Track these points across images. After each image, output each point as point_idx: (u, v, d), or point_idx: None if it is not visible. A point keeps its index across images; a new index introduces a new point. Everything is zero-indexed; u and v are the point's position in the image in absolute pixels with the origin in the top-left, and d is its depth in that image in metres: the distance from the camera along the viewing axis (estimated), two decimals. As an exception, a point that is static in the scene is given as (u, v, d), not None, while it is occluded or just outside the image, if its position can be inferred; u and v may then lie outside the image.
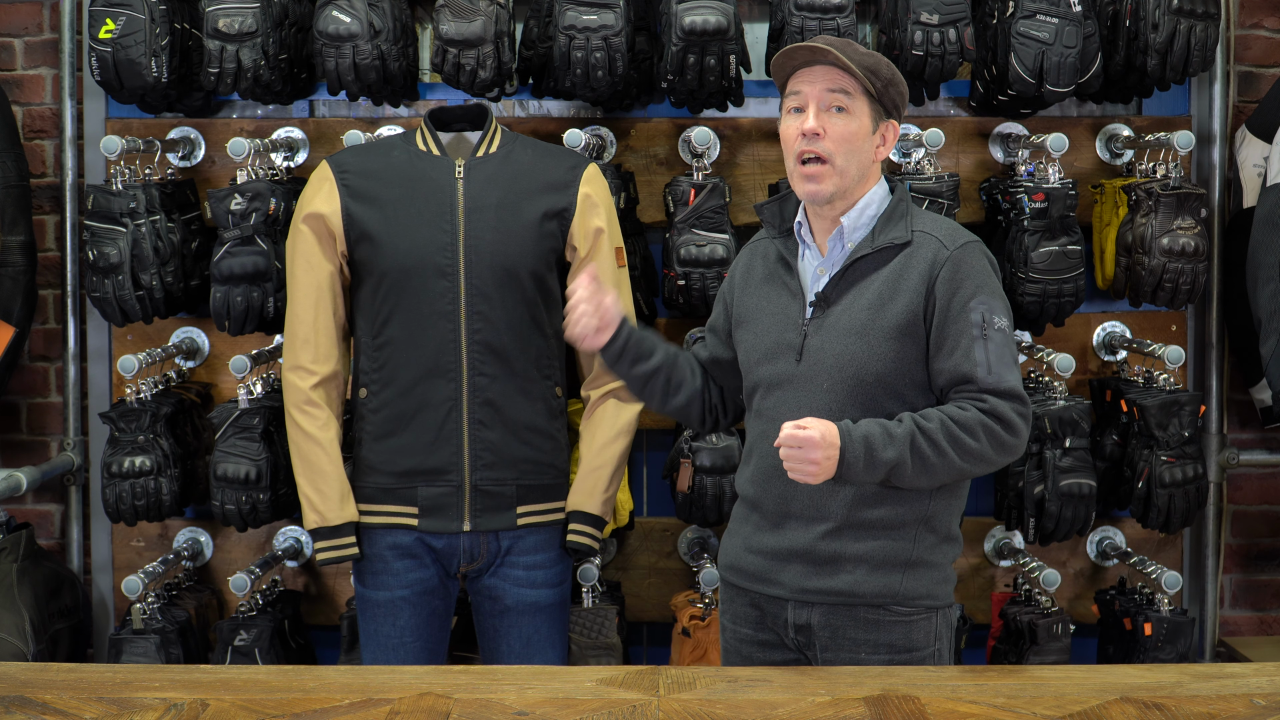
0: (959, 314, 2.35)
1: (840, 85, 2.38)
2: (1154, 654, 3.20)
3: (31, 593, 3.32)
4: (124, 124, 3.47)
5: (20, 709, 2.07)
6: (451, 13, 3.07)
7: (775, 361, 2.43)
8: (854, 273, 2.41)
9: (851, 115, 2.38)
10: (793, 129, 2.40)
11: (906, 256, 2.40)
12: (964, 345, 2.34)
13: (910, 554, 2.39)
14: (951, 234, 2.43)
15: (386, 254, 2.80)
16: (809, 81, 2.39)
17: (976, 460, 2.31)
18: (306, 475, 2.84)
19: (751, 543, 2.47)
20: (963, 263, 2.38)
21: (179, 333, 3.50)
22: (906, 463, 2.28)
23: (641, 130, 3.45)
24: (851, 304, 2.39)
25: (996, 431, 2.31)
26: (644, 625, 3.56)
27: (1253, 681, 2.20)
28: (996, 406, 2.31)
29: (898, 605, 2.39)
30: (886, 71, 2.42)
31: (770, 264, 2.51)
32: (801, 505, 2.40)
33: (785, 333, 2.43)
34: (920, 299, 2.37)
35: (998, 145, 3.46)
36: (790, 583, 2.42)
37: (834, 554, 2.38)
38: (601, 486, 2.90)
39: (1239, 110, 3.53)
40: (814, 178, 2.38)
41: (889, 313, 2.37)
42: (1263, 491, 3.63)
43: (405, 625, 2.86)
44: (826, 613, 2.40)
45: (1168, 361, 3.21)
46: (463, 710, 2.08)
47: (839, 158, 2.37)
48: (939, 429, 2.29)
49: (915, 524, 2.39)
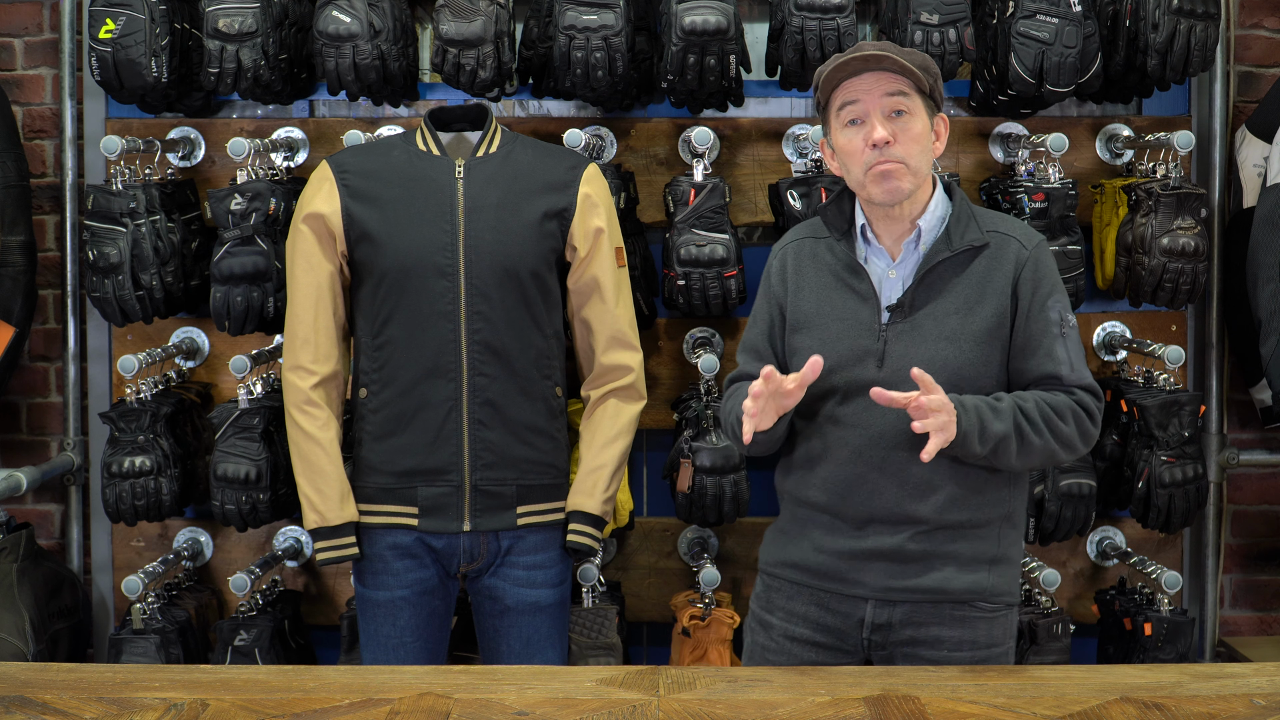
0: (1039, 313, 2.37)
1: (896, 88, 2.36)
2: (1154, 654, 3.20)
3: (31, 593, 3.32)
4: (124, 124, 3.48)
5: (20, 709, 2.07)
6: (451, 13, 3.07)
7: (852, 368, 2.38)
8: (933, 276, 2.39)
9: (913, 115, 2.37)
10: (857, 141, 2.37)
11: (988, 259, 2.39)
12: (1046, 345, 2.37)
13: (996, 551, 2.41)
14: (1025, 233, 2.44)
15: (386, 254, 2.80)
16: (864, 90, 2.36)
17: (1065, 444, 2.35)
18: (306, 475, 2.84)
19: (824, 545, 2.42)
20: (1040, 262, 2.41)
21: (179, 333, 3.50)
22: (1011, 437, 2.30)
23: (641, 130, 3.45)
24: (936, 309, 2.37)
25: (1084, 419, 2.36)
26: (644, 625, 3.56)
27: (1253, 681, 2.20)
28: (1083, 399, 2.37)
29: (984, 602, 2.40)
30: (933, 66, 2.42)
31: (827, 265, 2.46)
32: (888, 511, 2.37)
33: (860, 338, 2.39)
34: (1007, 301, 2.37)
35: (998, 145, 3.46)
36: (873, 582, 2.39)
37: (923, 553, 2.38)
38: (601, 486, 2.90)
39: (1239, 110, 3.53)
40: (892, 174, 2.35)
41: (978, 317, 2.37)
42: (1263, 491, 3.64)
43: (405, 625, 2.86)
44: (911, 611, 2.39)
45: (1168, 361, 3.21)
46: (463, 710, 2.08)
47: (911, 159, 2.36)
48: (1035, 410, 2.32)
49: (999, 521, 2.41)
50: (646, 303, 3.30)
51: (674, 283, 3.17)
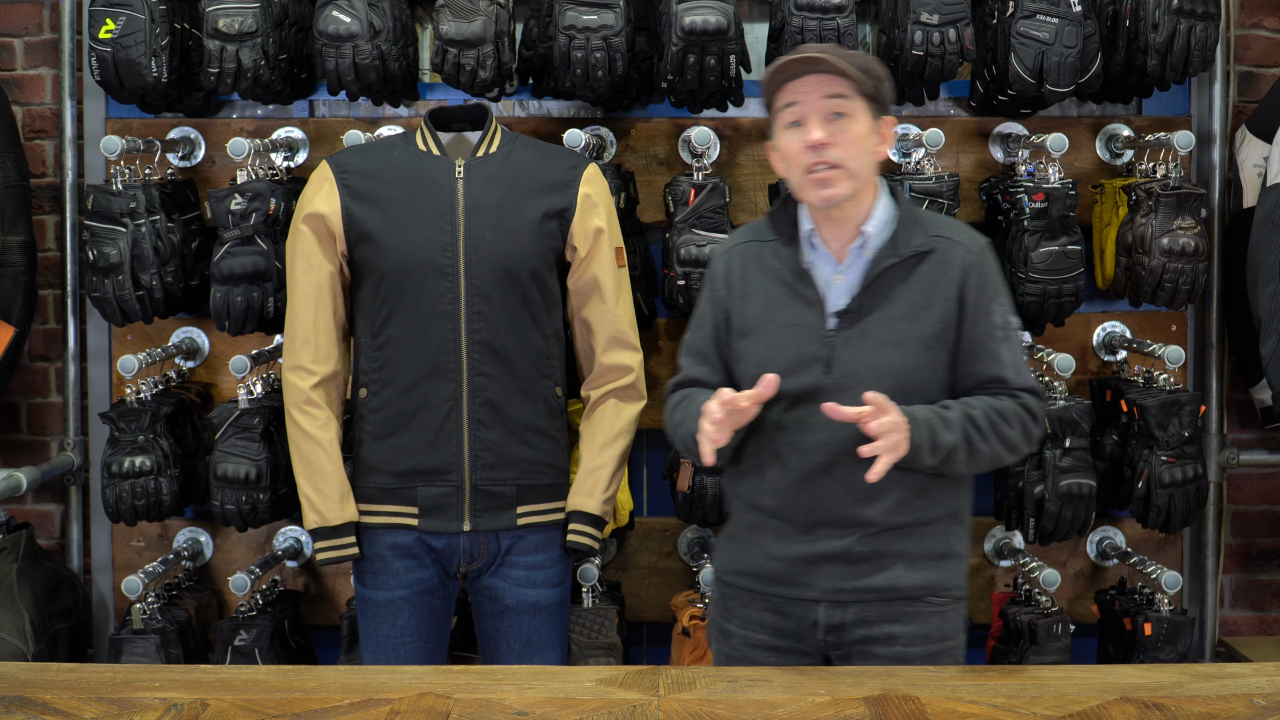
0: (984, 318, 2.39)
1: (836, 90, 2.36)
2: (1154, 654, 3.20)
3: (31, 593, 3.32)
4: (124, 124, 3.47)
5: (20, 709, 2.07)
6: (451, 13, 3.07)
7: (799, 374, 2.38)
8: (880, 282, 2.39)
9: (852, 118, 2.37)
10: (796, 143, 2.37)
11: (933, 264, 2.40)
12: (991, 349, 2.39)
13: (943, 547, 2.43)
14: (969, 236, 2.45)
15: (386, 254, 2.80)
16: (803, 92, 2.37)
17: (1010, 448, 2.39)
18: (306, 475, 2.84)
19: (773, 550, 2.44)
20: (985, 267, 2.42)
21: (179, 333, 3.50)
22: (960, 448, 2.33)
23: (641, 130, 3.45)
24: (883, 314, 2.38)
25: (1028, 422, 2.39)
26: (644, 625, 3.56)
27: (1253, 681, 2.20)
28: (1027, 401, 2.40)
29: (933, 596, 2.42)
30: (878, 69, 2.43)
31: (772, 271, 2.46)
32: (836, 515, 2.39)
33: (807, 344, 2.39)
34: (953, 306, 2.38)
35: (998, 145, 3.46)
36: (824, 584, 2.41)
37: (872, 553, 2.39)
38: (601, 486, 2.89)
39: (1239, 110, 3.53)
40: (826, 181, 2.35)
41: (924, 322, 2.38)
42: (1263, 491, 3.63)
43: (405, 625, 2.86)
44: (863, 610, 2.40)
45: (1168, 361, 3.21)
46: (463, 710, 2.08)
47: (850, 161, 2.36)
48: (984, 418, 2.35)
49: (945, 519, 2.43)
50: (646, 303, 3.30)
51: (674, 283, 3.17)
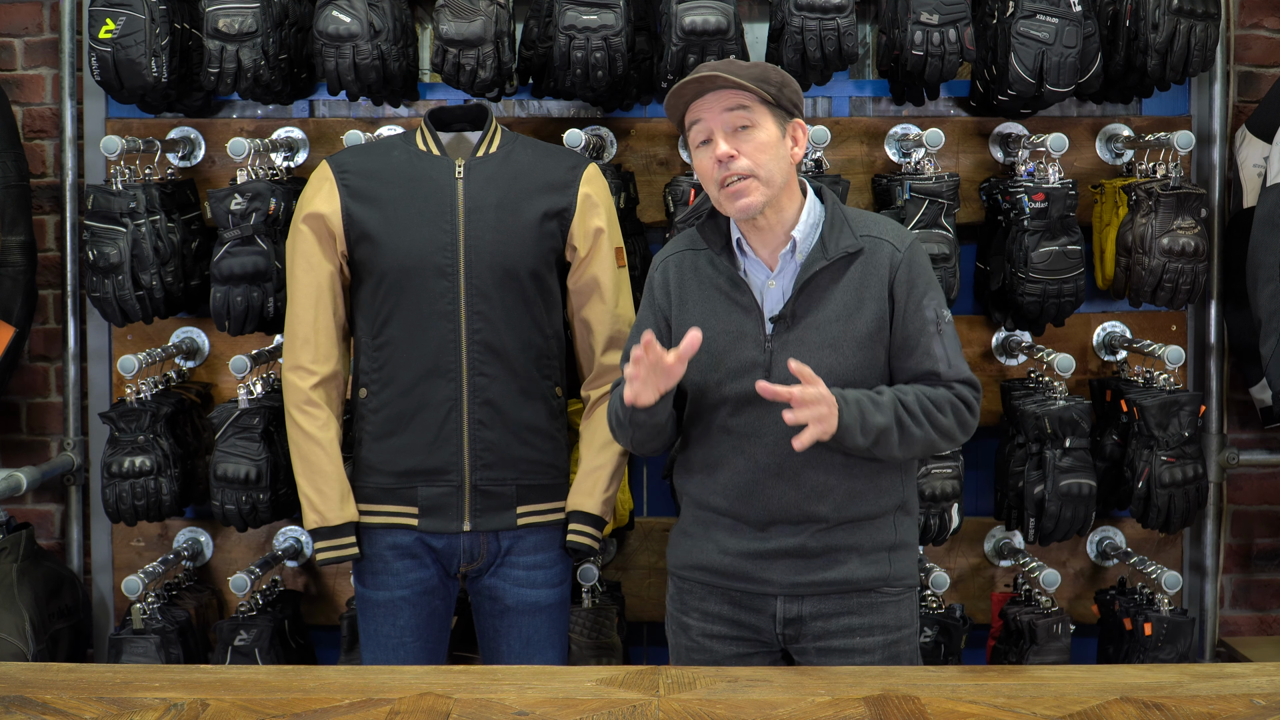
0: (915, 313, 2.45)
1: (736, 103, 2.42)
2: (1154, 654, 3.20)
3: (31, 593, 3.32)
4: (124, 124, 3.47)
5: (20, 709, 2.07)
6: (451, 13, 3.07)
7: (740, 379, 2.44)
8: (812, 285, 2.45)
9: (757, 127, 2.42)
10: (707, 160, 2.44)
11: (862, 264, 2.46)
12: (924, 343, 2.45)
13: (894, 538, 2.50)
14: (898, 234, 2.50)
15: (386, 254, 2.80)
16: (706, 109, 2.43)
17: (944, 435, 2.44)
18: (306, 475, 2.84)
19: (728, 546, 2.49)
20: (914, 263, 2.47)
21: (179, 333, 3.50)
22: (892, 429, 2.37)
23: (641, 130, 3.45)
24: (817, 317, 2.44)
25: (962, 411, 2.45)
26: (644, 625, 3.56)
27: (1253, 681, 2.20)
28: (961, 392, 2.45)
29: (887, 587, 2.48)
30: (776, 76, 2.46)
31: (708, 279, 2.51)
32: (788, 513, 2.45)
33: (746, 350, 2.45)
34: (885, 304, 2.45)
35: (998, 145, 3.46)
36: (780, 579, 2.47)
37: (825, 548, 2.46)
38: (601, 486, 2.89)
39: (1239, 110, 3.53)
40: (740, 192, 2.41)
41: (858, 322, 2.43)
42: (1263, 491, 3.63)
43: (405, 625, 2.86)
44: (819, 603, 2.46)
45: (1168, 361, 3.21)
46: (463, 710, 2.08)
47: (761, 170, 2.41)
48: (915, 402, 2.40)
49: (894, 510, 2.49)
50: (646, 303, 3.30)
51: (674, 283, 3.16)
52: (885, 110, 3.49)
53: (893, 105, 3.47)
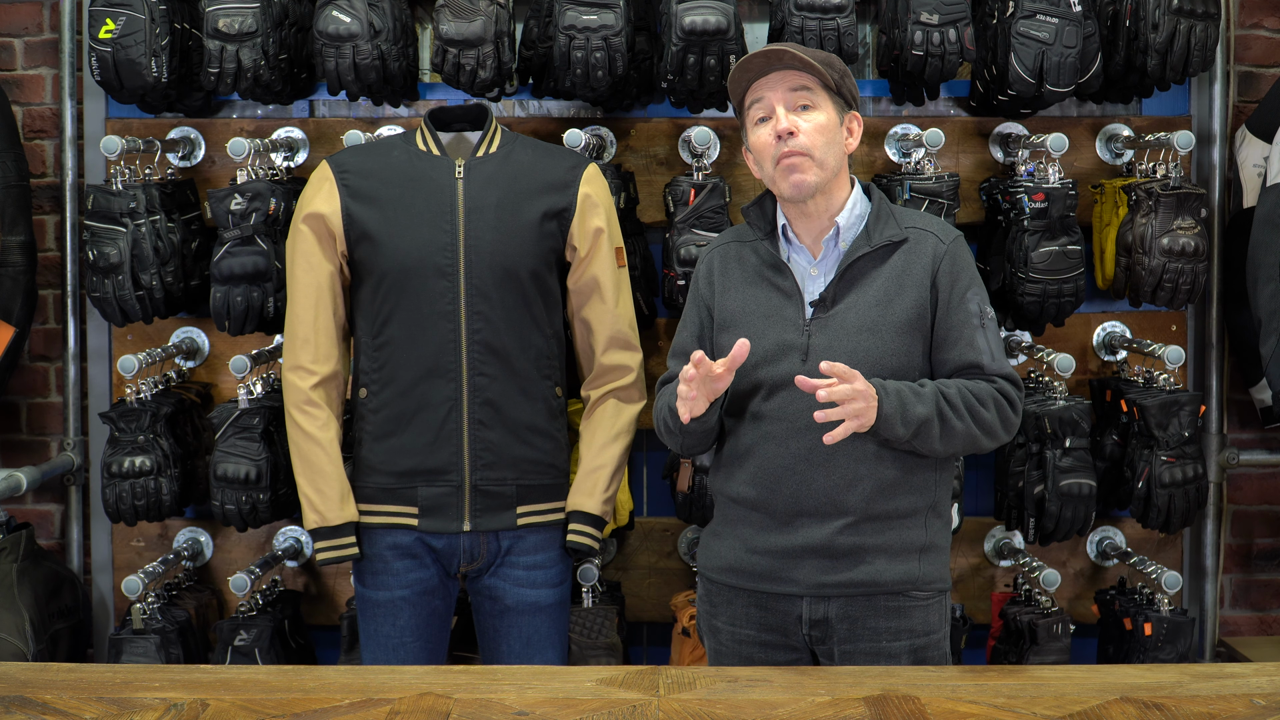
0: (959, 306, 2.43)
1: (801, 84, 2.43)
2: (1154, 654, 3.20)
3: (31, 593, 3.32)
4: (124, 124, 3.47)
5: (20, 709, 2.07)
6: (451, 13, 3.07)
7: (778, 363, 2.43)
8: (854, 271, 2.44)
9: (817, 109, 2.44)
10: (765, 136, 2.44)
11: (906, 253, 2.45)
12: (967, 335, 2.42)
13: (924, 539, 2.45)
14: (943, 228, 2.50)
15: (386, 254, 2.80)
16: (769, 88, 2.44)
17: (986, 431, 2.40)
18: (306, 475, 2.84)
19: (755, 544, 2.47)
20: (958, 256, 2.47)
21: (179, 333, 3.50)
22: (934, 420, 2.35)
23: (641, 130, 3.45)
24: (857, 301, 2.43)
25: (1004, 407, 2.42)
26: (644, 625, 3.56)
27: (1253, 681, 2.20)
28: (1004, 388, 2.42)
29: (916, 590, 2.44)
30: (839, 64, 2.49)
31: (752, 266, 2.52)
32: (816, 503, 2.41)
33: (785, 333, 2.44)
34: (926, 293, 2.43)
35: (998, 145, 3.46)
36: (805, 579, 2.43)
37: (853, 547, 2.41)
38: (601, 486, 2.90)
39: (1239, 110, 3.53)
40: (796, 167, 2.41)
41: (897, 308, 2.42)
42: (1263, 491, 3.63)
43: (405, 625, 2.86)
44: (845, 605, 2.43)
45: (1168, 361, 3.21)
46: (463, 710, 2.08)
47: (817, 150, 2.42)
48: (958, 395, 2.38)
49: (925, 510, 2.45)
50: (646, 303, 3.30)
51: (674, 283, 3.16)
52: (885, 110, 3.50)
53: (893, 105, 3.47)
